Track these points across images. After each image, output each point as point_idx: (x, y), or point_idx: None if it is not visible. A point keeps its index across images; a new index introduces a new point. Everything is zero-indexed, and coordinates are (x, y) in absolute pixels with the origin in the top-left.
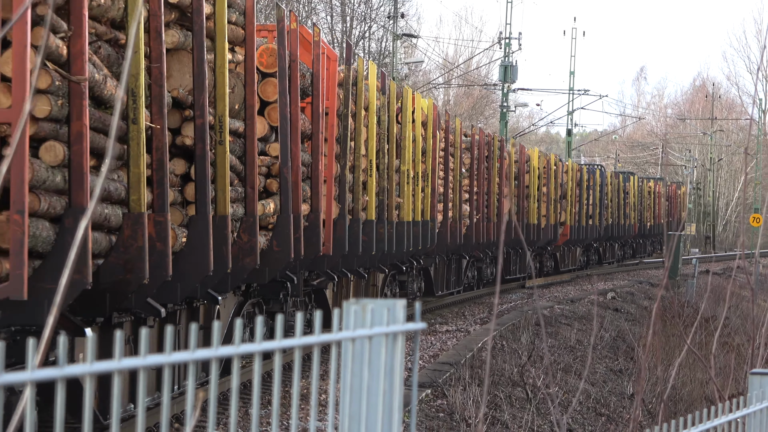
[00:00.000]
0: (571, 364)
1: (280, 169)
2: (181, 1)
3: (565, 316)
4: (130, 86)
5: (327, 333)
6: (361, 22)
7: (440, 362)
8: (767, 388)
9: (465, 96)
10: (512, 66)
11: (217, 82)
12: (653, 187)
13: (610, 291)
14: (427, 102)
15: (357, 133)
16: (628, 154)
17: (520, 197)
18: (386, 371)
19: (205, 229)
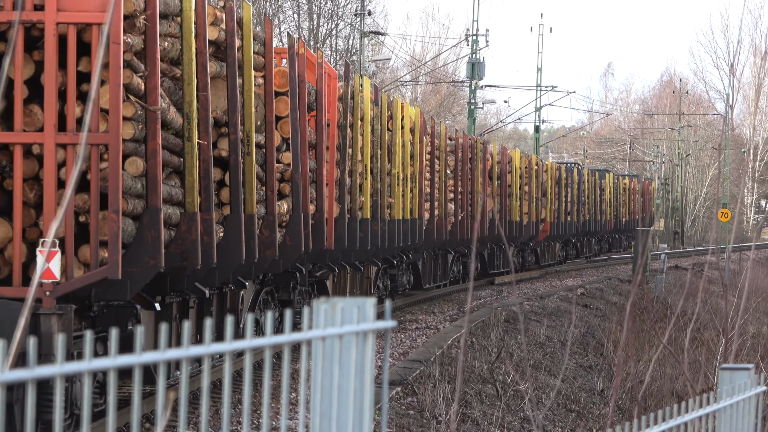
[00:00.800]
0: (540, 360)
1: (292, 175)
2: (217, 38)
3: (534, 313)
4: (186, 111)
5: (297, 332)
6: (328, 20)
7: (410, 360)
8: (738, 384)
9: (433, 93)
10: (479, 63)
11: (245, 103)
12: (628, 183)
13: (579, 287)
14: (415, 110)
15: (354, 142)
16: (596, 150)
17: (503, 196)
18: (357, 369)
19: (238, 226)
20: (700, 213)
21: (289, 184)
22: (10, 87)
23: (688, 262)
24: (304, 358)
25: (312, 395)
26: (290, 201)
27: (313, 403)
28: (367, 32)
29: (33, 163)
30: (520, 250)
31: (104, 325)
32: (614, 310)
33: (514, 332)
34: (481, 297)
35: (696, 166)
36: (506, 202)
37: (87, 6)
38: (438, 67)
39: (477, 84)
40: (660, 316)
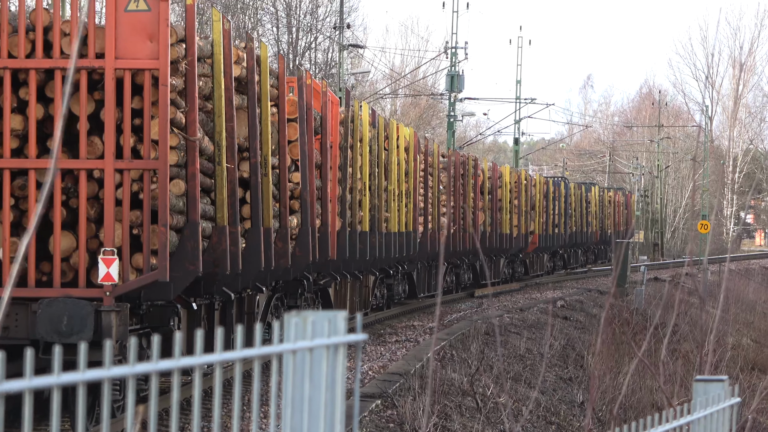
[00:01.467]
0: (520, 372)
1: (301, 193)
2: (240, 75)
3: (514, 325)
4: (217, 139)
5: (268, 345)
6: (307, 33)
7: (390, 372)
8: (712, 395)
9: (412, 106)
10: (459, 75)
11: (263, 131)
12: (613, 196)
13: (559, 299)
14: (409, 131)
15: (354, 161)
16: (575, 162)
17: (494, 210)
18: (328, 383)
19: (258, 238)
20: (680, 225)
21: (298, 201)
22: (74, 121)
23: (667, 273)
24: (274, 371)
25: (283, 409)
26: (299, 216)
27: (285, 417)
28: (346, 45)
29: (94, 185)
30: (510, 261)
31: (151, 321)
32: (594, 323)
33: (494, 345)
34: (461, 309)
35: (675, 178)
36: (497, 215)
37: (139, 54)
38: (417, 80)
39: (456, 97)
40: (639, 328)
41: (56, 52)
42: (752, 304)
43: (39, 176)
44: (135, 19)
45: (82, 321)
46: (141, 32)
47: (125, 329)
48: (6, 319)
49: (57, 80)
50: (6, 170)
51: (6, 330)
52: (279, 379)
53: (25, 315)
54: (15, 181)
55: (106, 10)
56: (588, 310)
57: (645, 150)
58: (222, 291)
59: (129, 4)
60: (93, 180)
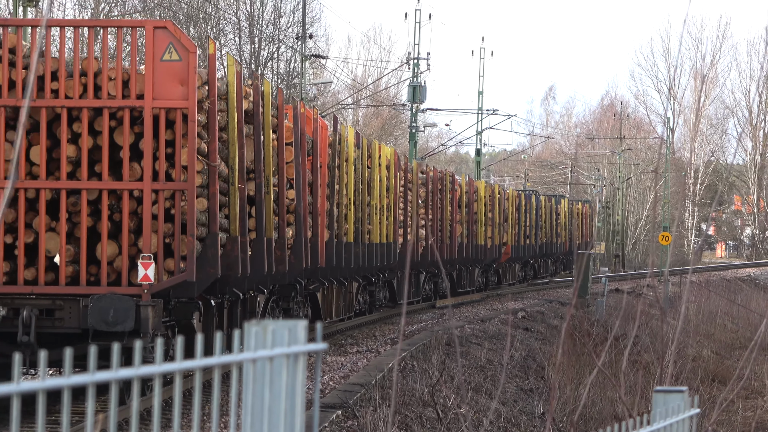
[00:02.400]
0: (481, 383)
1: (296, 208)
2: (247, 108)
3: (475, 336)
4: (230, 164)
5: (228, 354)
6: (269, 43)
7: (351, 383)
8: (671, 406)
9: (374, 116)
10: (421, 86)
11: (265, 155)
12: (581, 208)
13: (520, 310)
14: (390, 150)
15: (341, 179)
16: (537, 174)
17: (470, 222)
18: (288, 392)
19: (261, 247)
20: (641, 236)
21: (293, 215)
22: (117, 150)
23: (628, 285)
24: (234, 380)
25: (243, 418)
26: (294, 228)
27: (244, 426)
28: (309, 55)
29: (134, 203)
30: (484, 270)
31: (177, 315)
32: (555, 333)
33: (455, 355)
34: (422, 320)
35: (637, 190)
36: (473, 227)
37: (172, 96)
38: (379, 91)
39: (418, 107)
40: (600, 339)
41: (104, 93)
42: (712, 316)
43: (89, 195)
44: (169, 67)
45: (126, 313)
46: (173, 78)
47: (159, 320)
48: (60, 311)
49: (105, 117)
50: (63, 190)
51: (61, 321)
52: (240, 388)
53: (77, 309)
54: (69, 198)
55: (146, 59)
56: (549, 321)
57: (606, 161)
58: (233, 291)
59: (164, 55)
60: (133, 198)
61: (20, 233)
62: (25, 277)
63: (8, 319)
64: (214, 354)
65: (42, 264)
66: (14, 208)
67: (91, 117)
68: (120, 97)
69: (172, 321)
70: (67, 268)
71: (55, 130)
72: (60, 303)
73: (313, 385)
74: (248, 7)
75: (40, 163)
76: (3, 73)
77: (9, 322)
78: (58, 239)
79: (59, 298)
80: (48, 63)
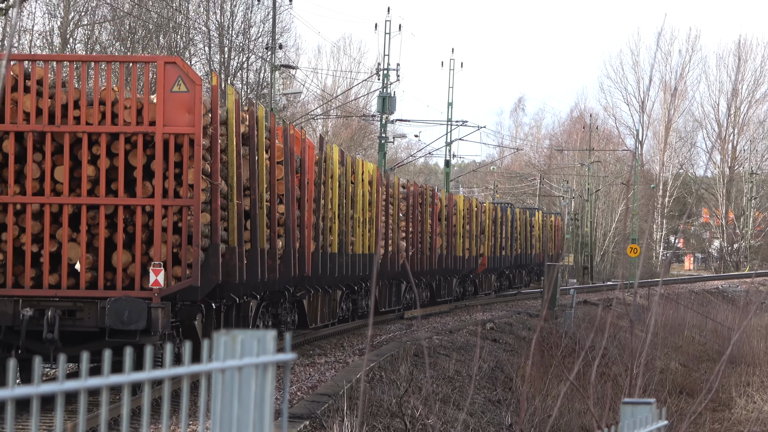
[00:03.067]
0: (449, 394)
1: (285, 221)
2: (244, 132)
3: (443, 347)
4: (230, 182)
5: (197, 364)
6: (239, 53)
7: (318, 393)
8: (639, 418)
9: (343, 127)
10: (390, 97)
11: (259, 173)
12: (554, 220)
13: (488, 322)
14: (372, 166)
15: (326, 195)
16: (506, 185)
17: (449, 234)
18: (256, 402)
19: (255, 256)
20: (610, 248)
21: (283, 228)
22: (131, 170)
23: (597, 297)
24: (203, 390)
25: (212, 428)
26: (284, 239)
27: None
28: (278, 66)
29: (146, 217)
30: (461, 280)
31: (182, 316)
32: (523, 345)
33: (422, 366)
34: (390, 331)
35: (606, 202)
36: (452, 239)
37: (180, 123)
38: (349, 101)
39: (388, 118)
40: (569, 350)
41: (120, 120)
42: (680, 329)
43: (106, 210)
44: (177, 98)
45: (139, 314)
46: (181, 107)
47: (167, 321)
48: (81, 312)
49: (121, 141)
50: (83, 205)
51: (81, 320)
52: (208, 398)
53: (95, 310)
54: (89, 213)
55: (157, 90)
56: (517, 333)
57: (576, 173)
58: (230, 296)
59: (173, 87)
60: (145, 213)
61: (45, 243)
62: (49, 282)
63: (35, 318)
64: (202, 360)
65: (65, 270)
66: (40, 221)
67: (108, 141)
68: (134, 123)
69: (178, 322)
70: (86, 274)
71: (76, 152)
72: (80, 305)
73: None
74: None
75: (64, 182)
76: (31, 102)
77: (35, 321)
78: (79, 249)
79: (80, 301)
80: (71, 93)
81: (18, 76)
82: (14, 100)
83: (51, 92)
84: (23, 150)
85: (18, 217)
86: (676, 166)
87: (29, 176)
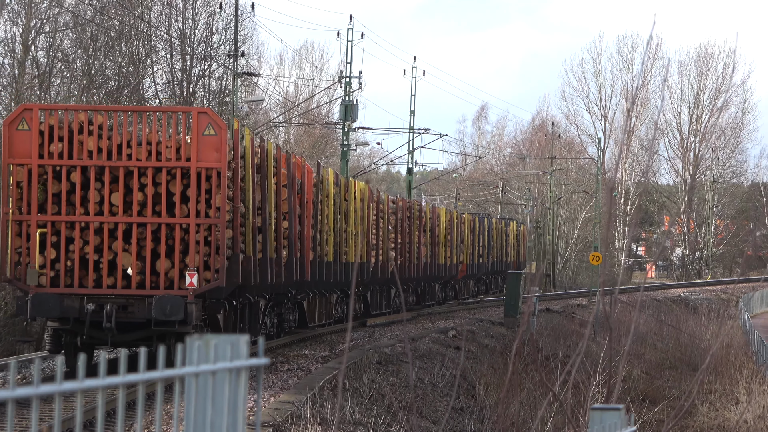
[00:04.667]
0: (412, 402)
1: (289, 234)
2: (257, 163)
3: (406, 355)
4: (247, 204)
5: (170, 369)
6: (201, 61)
7: (281, 401)
8: (608, 424)
9: (306, 134)
10: (353, 105)
11: (268, 196)
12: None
13: (451, 329)
14: (364, 185)
15: (323, 211)
16: (468, 193)
17: (433, 244)
18: (230, 406)
19: (266, 264)
20: (572, 256)
21: (287, 240)
22: (171, 196)
23: (559, 305)
24: (177, 394)
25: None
26: (287, 249)
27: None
28: (240, 73)
29: (182, 232)
30: (443, 286)
31: (209, 311)
32: (486, 353)
33: (386, 374)
34: (353, 339)
35: (568, 210)
36: (435, 249)
37: (209, 159)
38: (311, 109)
39: (350, 126)
40: (531, 358)
41: (163, 157)
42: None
43: (152, 227)
44: (207, 139)
45: (178, 308)
46: (210, 146)
47: (200, 314)
48: (132, 307)
49: (163, 173)
50: (134, 223)
51: (132, 313)
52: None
53: (143, 305)
54: (138, 229)
55: (192, 134)
56: (480, 341)
57: (537, 181)
58: (245, 296)
59: (204, 131)
60: (182, 229)
61: (104, 253)
62: (107, 283)
63: (96, 312)
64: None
65: (119, 274)
66: (100, 235)
67: (153, 173)
68: (174, 159)
69: (205, 315)
70: (136, 277)
71: (128, 182)
72: (132, 301)
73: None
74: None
75: (119, 205)
76: (93, 142)
77: (96, 314)
78: (131, 257)
79: (131, 298)
80: (124, 135)
81: (83, 122)
82: (80, 141)
83: (109, 134)
84: (87, 180)
85: (82, 232)
86: (638, 174)
87: (92, 201)
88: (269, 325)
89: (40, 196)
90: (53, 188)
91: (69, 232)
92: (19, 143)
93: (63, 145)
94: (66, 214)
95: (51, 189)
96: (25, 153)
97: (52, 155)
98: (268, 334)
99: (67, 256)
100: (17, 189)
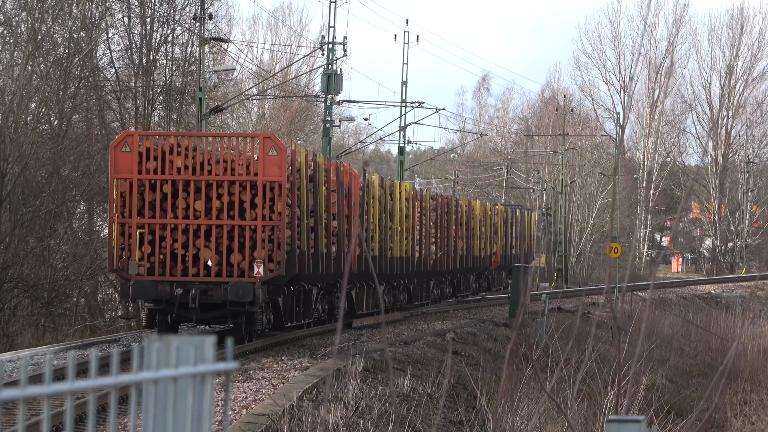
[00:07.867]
0: (404, 415)
1: (337, 232)
2: (310, 174)
3: (397, 360)
4: (302, 209)
5: (125, 374)
6: (162, 25)
7: (254, 413)
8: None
9: (282, 109)
10: (336, 75)
11: (319, 201)
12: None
13: (448, 332)
14: (409, 186)
15: (368, 212)
16: (468, 176)
17: (468, 237)
18: (194, 416)
19: (318, 257)
20: (587, 247)
21: (336, 237)
22: (242, 203)
23: (573, 303)
24: (133, 403)
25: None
26: (336, 245)
27: None
28: (208, 39)
29: (251, 232)
30: (477, 277)
31: (272, 295)
32: (489, 358)
33: (374, 382)
34: (335, 342)
35: (582, 194)
36: (470, 241)
37: (273, 174)
38: (289, 80)
39: (333, 99)
40: (541, 364)
41: (236, 173)
42: (668, 339)
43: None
44: (271, 158)
45: (248, 292)
46: (274, 164)
47: (265, 297)
48: (212, 291)
49: (236, 185)
50: (213, 225)
51: (212, 296)
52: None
53: (221, 290)
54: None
55: (259, 154)
56: (481, 344)
57: (548, 162)
58: (300, 284)
59: (269, 152)
60: (251, 230)
61: (189, 248)
62: (192, 272)
63: (183, 295)
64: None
65: (201, 265)
66: (186, 234)
67: (228, 185)
68: (245, 174)
69: (269, 298)
70: (215, 268)
71: (208, 192)
72: (211, 286)
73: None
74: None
75: (201, 210)
76: (181, 161)
77: (183, 297)
78: (210, 252)
79: (211, 284)
80: (205, 155)
81: (173, 145)
82: (171, 160)
83: (193, 154)
84: (176, 191)
85: (172, 232)
86: (663, 155)
87: (180, 207)
88: (320, 311)
89: (139, 203)
90: (149, 197)
91: (161, 232)
92: (122, 162)
93: (157, 163)
94: (159, 218)
95: (147, 198)
96: (127, 170)
97: (149, 171)
98: (320, 318)
99: (160, 251)
100: (121, 198)
